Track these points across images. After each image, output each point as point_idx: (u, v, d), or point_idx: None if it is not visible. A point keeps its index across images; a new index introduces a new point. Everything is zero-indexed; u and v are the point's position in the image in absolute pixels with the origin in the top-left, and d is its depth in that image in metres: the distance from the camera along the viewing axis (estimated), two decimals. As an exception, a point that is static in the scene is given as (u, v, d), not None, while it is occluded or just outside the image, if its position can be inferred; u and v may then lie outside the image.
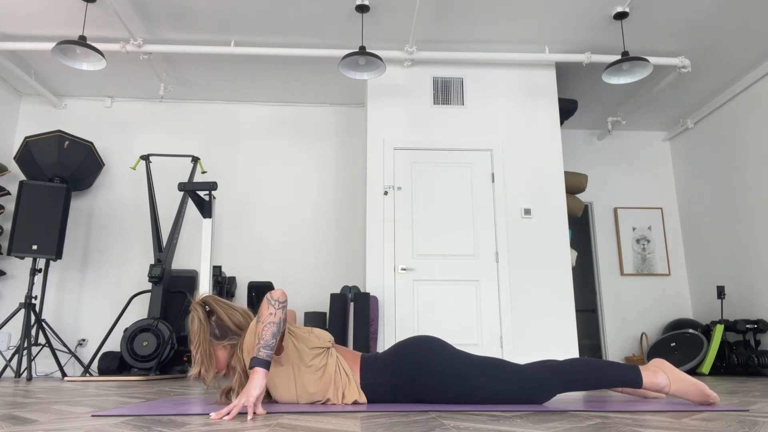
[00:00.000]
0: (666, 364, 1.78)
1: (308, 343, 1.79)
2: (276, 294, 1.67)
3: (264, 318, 1.62)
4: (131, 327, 4.38)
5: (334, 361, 1.81)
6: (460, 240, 4.60)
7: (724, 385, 3.12)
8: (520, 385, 1.72)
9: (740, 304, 5.25)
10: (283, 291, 1.68)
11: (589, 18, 4.36)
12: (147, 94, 5.63)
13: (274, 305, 1.64)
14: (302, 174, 5.62)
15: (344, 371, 1.81)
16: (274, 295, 1.66)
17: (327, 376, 1.78)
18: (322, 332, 1.87)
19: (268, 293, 1.69)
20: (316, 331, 1.87)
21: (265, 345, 1.57)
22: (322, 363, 1.79)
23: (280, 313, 1.63)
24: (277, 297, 1.66)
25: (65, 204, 4.60)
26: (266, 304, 1.65)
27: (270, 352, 1.57)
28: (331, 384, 1.78)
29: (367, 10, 4.17)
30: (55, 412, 1.63)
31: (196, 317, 1.78)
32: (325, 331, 1.92)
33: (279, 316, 1.63)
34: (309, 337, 1.81)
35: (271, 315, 1.62)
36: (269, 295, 1.67)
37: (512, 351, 4.39)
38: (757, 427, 1.26)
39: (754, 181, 5.10)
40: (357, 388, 1.80)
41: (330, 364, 1.80)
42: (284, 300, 1.66)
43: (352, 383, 1.80)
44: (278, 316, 1.63)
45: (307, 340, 1.80)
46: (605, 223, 6.10)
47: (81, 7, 4.21)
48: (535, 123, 4.91)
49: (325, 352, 1.81)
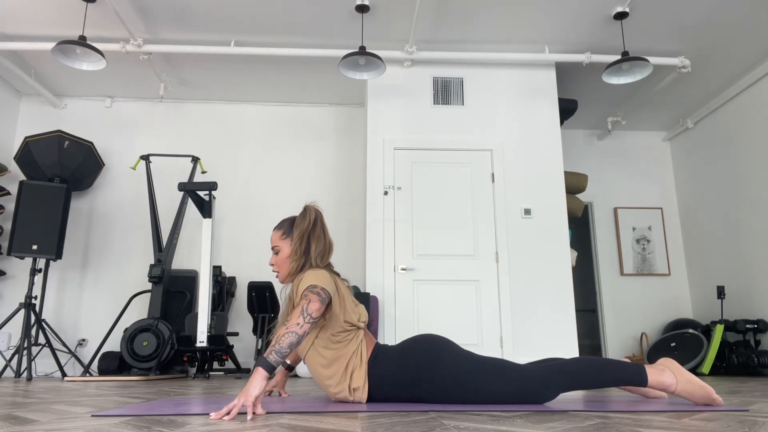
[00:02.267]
0: (674, 364, 1.75)
1: (347, 315, 1.83)
2: (312, 308, 1.64)
3: (291, 325, 1.60)
4: (131, 327, 4.38)
5: (357, 343, 1.84)
6: (460, 240, 4.60)
7: (724, 385, 3.12)
8: (524, 384, 1.72)
9: (740, 304, 5.25)
10: (321, 307, 1.65)
11: (589, 18, 4.36)
12: (147, 94, 5.63)
13: (305, 318, 1.62)
14: (302, 174, 5.63)
15: (361, 355, 1.83)
16: (311, 308, 1.64)
17: (344, 352, 1.81)
18: (363, 311, 1.92)
19: (307, 298, 1.66)
20: (361, 307, 1.92)
21: (278, 351, 1.55)
22: (347, 338, 1.82)
23: (307, 327, 1.62)
24: (312, 311, 1.63)
25: (65, 204, 4.60)
26: (299, 312, 1.63)
27: (280, 360, 1.55)
28: (344, 360, 1.81)
29: (367, 10, 4.17)
30: (55, 412, 1.63)
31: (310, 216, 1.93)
32: (366, 311, 1.94)
33: (304, 330, 1.61)
34: (353, 310, 1.86)
35: (298, 326, 1.60)
36: (305, 305, 1.64)
37: (512, 351, 4.39)
38: (757, 427, 1.26)
39: (754, 180, 5.10)
40: (364, 374, 1.81)
41: (353, 343, 1.83)
42: (317, 317, 1.65)
43: (362, 368, 1.82)
44: (304, 329, 1.61)
45: (348, 312, 1.83)
46: (605, 223, 6.10)
47: (81, 7, 4.21)
48: (535, 123, 4.91)
49: (354, 330, 1.85)
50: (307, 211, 1.95)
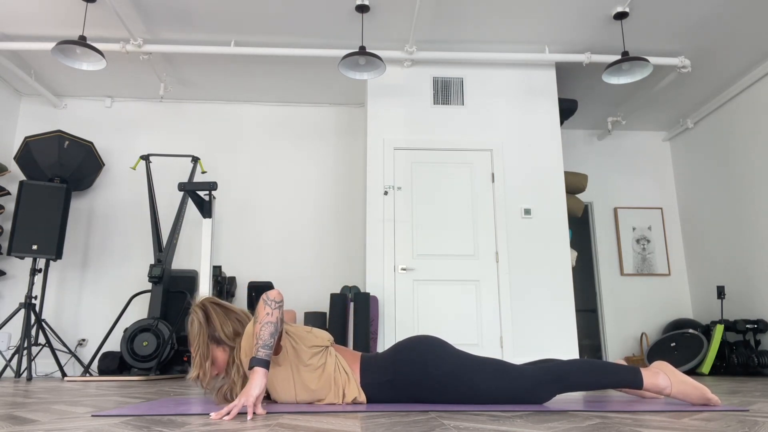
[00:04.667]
0: (668, 367, 1.77)
1: (306, 342, 1.80)
2: (272, 294, 1.69)
3: (261, 318, 1.63)
4: (131, 327, 4.38)
5: (333, 360, 1.81)
6: (460, 240, 4.60)
7: (724, 385, 3.12)
8: (520, 385, 1.72)
9: (740, 304, 5.25)
10: (279, 291, 1.71)
11: (589, 18, 4.36)
12: (147, 94, 5.63)
13: (270, 305, 1.66)
14: (302, 174, 5.62)
15: (343, 370, 1.81)
16: (270, 295, 1.69)
17: (326, 375, 1.78)
18: (320, 332, 1.88)
19: (264, 294, 1.71)
20: (315, 330, 1.87)
21: (264, 344, 1.58)
22: (321, 362, 1.79)
23: (277, 313, 1.65)
24: (273, 297, 1.68)
25: (65, 204, 4.60)
26: (263, 304, 1.67)
27: (269, 351, 1.57)
28: (331, 382, 1.78)
29: (367, 10, 4.17)
30: (55, 412, 1.63)
31: (196, 320, 1.82)
32: (325, 330, 1.93)
33: (276, 316, 1.64)
34: (308, 336, 1.82)
35: (267, 315, 1.63)
36: (265, 296, 1.69)
37: (512, 351, 4.39)
38: (757, 427, 1.26)
39: (754, 180, 5.10)
40: (357, 386, 1.80)
41: (329, 362, 1.80)
42: (280, 300, 1.68)
43: (352, 381, 1.80)
44: (275, 315, 1.64)
45: (306, 339, 1.80)
46: (605, 223, 6.10)
47: (81, 7, 4.21)
48: (535, 123, 4.91)
49: (323, 351, 1.82)
50: (192, 315, 1.83)
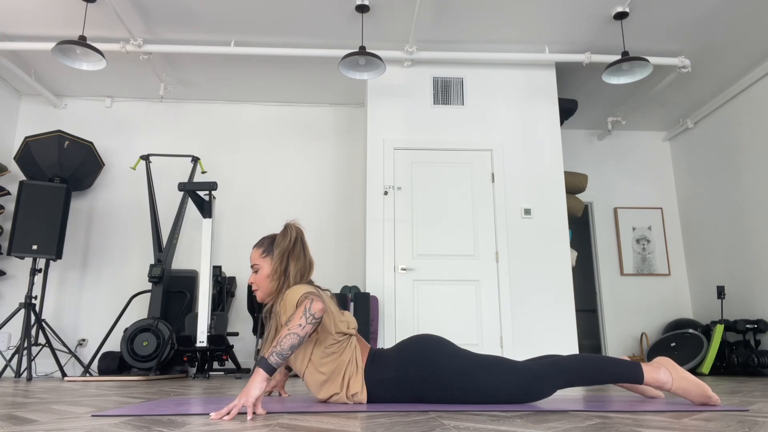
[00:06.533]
0: (669, 362, 1.77)
1: (336, 327, 1.80)
2: (315, 308, 1.62)
3: (293, 326, 1.59)
4: (131, 327, 4.38)
5: (351, 351, 1.82)
6: (460, 240, 4.60)
7: (724, 385, 3.12)
8: (521, 380, 1.72)
9: (740, 304, 5.25)
10: (323, 307, 1.63)
11: (589, 18, 4.36)
12: (147, 94, 5.63)
13: (307, 318, 1.60)
14: (302, 174, 5.63)
15: (356, 362, 1.82)
16: (313, 308, 1.62)
17: (340, 362, 1.79)
18: (351, 318, 1.89)
19: (308, 300, 1.64)
20: (347, 314, 1.89)
21: (280, 353, 1.55)
22: (340, 348, 1.80)
23: (309, 329, 1.60)
24: (314, 311, 1.62)
25: (65, 204, 4.60)
26: (301, 312, 1.61)
27: (281, 361, 1.55)
28: (342, 370, 1.79)
29: (367, 10, 4.17)
30: (55, 412, 1.63)
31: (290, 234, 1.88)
32: (353, 317, 1.92)
33: (306, 331, 1.60)
34: (340, 320, 1.82)
35: (300, 327, 1.59)
36: (308, 305, 1.62)
37: (512, 351, 4.39)
38: (757, 427, 1.26)
39: (754, 180, 5.10)
40: (362, 380, 1.80)
41: (347, 351, 1.81)
42: (319, 317, 1.62)
43: (359, 375, 1.81)
44: (305, 330, 1.59)
45: (336, 324, 1.81)
46: (605, 223, 6.10)
47: (81, 7, 4.21)
48: (535, 123, 4.91)
49: (346, 339, 1.83)
50: (288, 230, 1.90)
